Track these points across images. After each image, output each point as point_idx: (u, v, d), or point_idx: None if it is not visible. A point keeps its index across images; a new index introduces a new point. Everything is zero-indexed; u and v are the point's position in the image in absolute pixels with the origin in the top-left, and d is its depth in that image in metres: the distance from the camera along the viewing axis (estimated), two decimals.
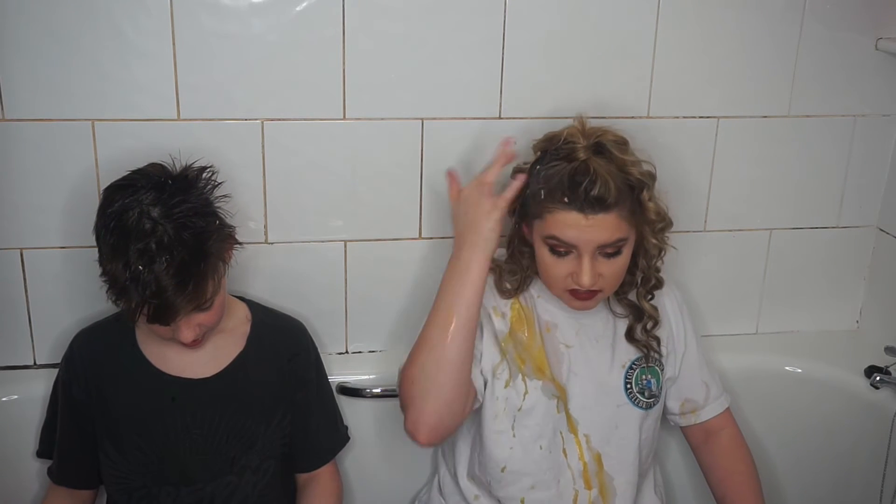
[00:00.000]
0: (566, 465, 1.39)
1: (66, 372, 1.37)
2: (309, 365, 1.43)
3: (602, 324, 1.42)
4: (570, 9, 1.50)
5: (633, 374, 1.41)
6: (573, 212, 1.26)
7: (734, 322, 1.77)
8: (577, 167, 1.27)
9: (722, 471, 1.48)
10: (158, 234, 1.17)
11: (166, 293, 1.17)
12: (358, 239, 1.57)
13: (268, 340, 1.40)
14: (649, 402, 1.41)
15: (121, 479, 1.35)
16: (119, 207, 1.19)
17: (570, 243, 1.28)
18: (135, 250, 1.16)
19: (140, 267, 1.16)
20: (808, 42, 1.60)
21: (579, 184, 1.25)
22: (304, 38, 1.44)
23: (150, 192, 1.20)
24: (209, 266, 1.22)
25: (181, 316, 1.21)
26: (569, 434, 1.39)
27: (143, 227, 1.17)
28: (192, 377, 1.34)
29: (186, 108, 1.44)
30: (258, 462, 1.38)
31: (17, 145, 1.42)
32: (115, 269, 1.18)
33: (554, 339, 1.39)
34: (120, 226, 1.18)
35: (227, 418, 1.35)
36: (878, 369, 1.63)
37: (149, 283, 1.16)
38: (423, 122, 1.52)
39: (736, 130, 1.63)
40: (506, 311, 1.40)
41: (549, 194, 1.28)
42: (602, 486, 1.39)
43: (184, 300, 1.19)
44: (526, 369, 1.37)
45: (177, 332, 1.25)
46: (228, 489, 1.36)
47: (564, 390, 1.38)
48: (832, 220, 1.74)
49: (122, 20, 1.38)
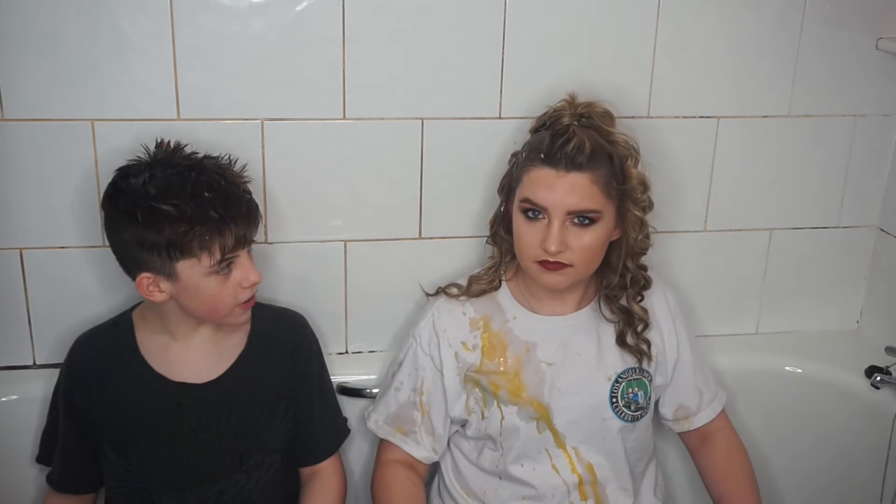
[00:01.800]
0: (560, 480, 1.38)
1: (66, 379, 1.35)
2: (311, 356, 1.43)
3: (584, 338, 1.40)
4: (570, 8, 1.50)
5: (619, 387, 1.39)
6: (546, 167, 1.28)
7: (734, 322, 1.77)
8: (558, 130, 1.30)
9: (718, 472, 1.48)
10: (194, 172, 1.22)
11: (236, 207, 1.23)
12: (358, 239, 1.57)
13: (268, 336, 1.40)
14: (635, 415, 1.40)
15: (123, 483, 1.35)
16: (141, 178, 1.22)
17: (540, 204, 1.28)
18: (187, 191, 1.20)
19: (205, 193, 1.20)
20: (808, 42, 1.60)
21: (559, 136, 1.28)
22: (304, 38, 1.44)
23: (163, 162, 1.25)
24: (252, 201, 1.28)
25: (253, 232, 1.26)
26: (557, 450, 1.39)
27: (172, 181, 1.21)
28: (196, 382, 1.33)
29: (186, 108, 1.44)
30: (262, 457, 1.38)
31: (17, 145, 1.42)
32: (184, 219, 1.18)
33: (534, 360, 1.39)
34: (153, 191, 1.20)
35: (235, 418, 1.35)
36: (879, 369, 1.63)
37: (216, 201, 1.20)
38: (423, 122, 1.52)
39: (736, 130, 1.63)
40: (476, 342, 1.40)
41: (528, 156, 1.31)
42: (597, 497, 1.39)
43: (250, 216, 1.26)
44: (500, 395, 1.38)
45: (246, 271, 1.27)
46: (236, 487, 1.36)
47: (547, 408, 1.38)
48: (832, 220, 1.74)
49: (121, 20, 1.38)
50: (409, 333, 1.46)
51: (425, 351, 1.41)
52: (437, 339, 1.40)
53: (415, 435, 1.42)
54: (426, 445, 1.42)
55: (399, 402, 1.43)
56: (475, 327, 1.41)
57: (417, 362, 1.42)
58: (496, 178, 1.55)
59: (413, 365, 1.42)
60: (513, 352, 1.39)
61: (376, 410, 1.46)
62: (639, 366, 1.41)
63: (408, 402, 1.42)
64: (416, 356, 1.42)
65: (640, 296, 1.40)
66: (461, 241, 1.59)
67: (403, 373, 1.43)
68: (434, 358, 1.41)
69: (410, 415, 1.42)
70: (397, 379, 1.44)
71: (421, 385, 1.41)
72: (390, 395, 1.44)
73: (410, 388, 1.42)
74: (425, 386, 1.41)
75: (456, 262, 1.58)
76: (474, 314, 1.42)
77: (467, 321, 1.41)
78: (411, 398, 1.42)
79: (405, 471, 1.42)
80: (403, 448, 1.42)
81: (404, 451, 1.43)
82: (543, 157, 1.28)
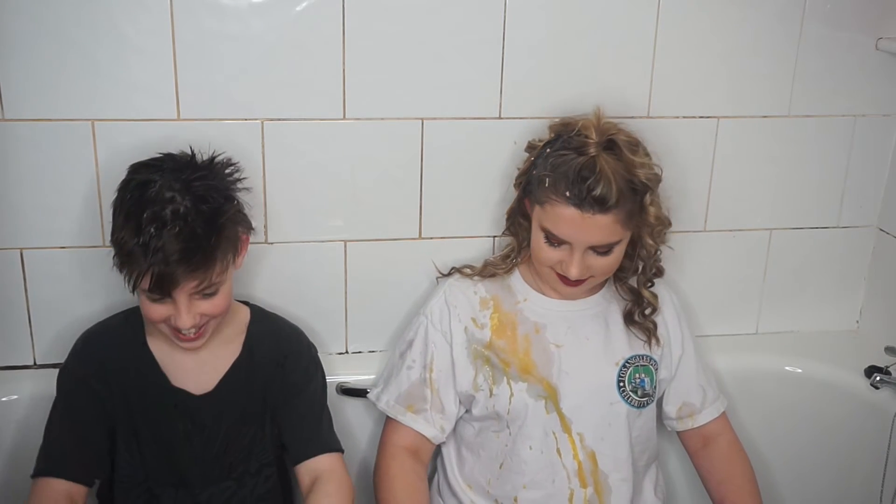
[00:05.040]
0: (560, 464, 1.39)
1: (80, 368, 1.34)
2: (297, 368, 1.39)
3: (592, 322, 1.43)
4: (570, 9, 1.50)
5: (626, 371, 1.41)
6: (572, 207, 1.28)
7: (734, 322, 1.77)
8: (584, 163, 1.28)
9: (720, 474, 1.49)
10: (175, 204, 1.18)
11: (171, 259, 1.17)
12: (358, 239, 1.57)
13: (261, 346, 1.38)
14: (642, 400, 1.42)
15: (128, 476, 1.35)
16: (143, 178, 1.22)
17: (563, 239, 1.31)
18: (149, 214, 1.18)
19: (152, 230, 1.17)
20: (808, 42, 1.60)
21: (584, 180, 1.27)
22: (304, 38, 1.44)
23: (175, 171, 1.22)
24: (220, 243, 1.22)
25: (181, 284, 1.19)
26: (562, 434, 1.39)
27: (162, 196, 1.19)
28: (192, 392, 1.33)
29: (186, 108, 1.44)
30: (257, 468, 1.37)
31: (16, 145, 1.42)
32: (126, 234, 1.19)
33: (543, 340, 1.40)
34: (139, 195, 1.20)
35: (225, 427, 1.34)
36: (878, 369, 1.63)
37: (156, 248, 1.16)
38: (423, 122, 1.52)
39: (736, 130, 1.63)
40: (485, 321, 1.42)
41: (552, 185, 1.30)
42: (597, 484, 1.39)
43: (187, 270, 1.18)
44: (511, 371, 1.39)
45: (176, 316, 1.23)
46: (227, 493, 1.36)
47: (555, 390, 1.38)
48: (832, 220, 1.74)
49: (121, 20, 1.38)
50: (420, 312, 1.47)
51: (436, 327, 1.43)
52: (448, 312, 1.42)
53: (425, 413, 1.42)
54: (435, 423, 1.42)
55: (411, 381, 1.43)
56: (485, 307, 1.42)
57: (428, 338, 1.43)
58: (496, 177, 1.55)
59: (424, 342, 1.43)
60: (522, 331, 1.40)
61: (387, 391, 1.46)
62: (647, 353, 1.43)
63: (419, 380, 1.43)
64: (426, 333, 1.43)
65: (651, 282, 1.43)
66: (461, 241, 1.59)
67: (416, 350, 1.44)
68: (445, 333, 1.42)
69: (422, 392, 1.42)
70: (409, 357, 1.44)
71: (431, 362, 1.42)
72: (402, 375, 1.44)
73: (422, 366, 1.43)
74: (436, 363, 1.42)
75: (456, 262, 1.58)
76: (485, 293, 1.44)
77: (478, 300, 1.43)
78: (422, 375, 1.42)
79: (410, 462, 1.42)
80: (413, 426, 1.42)
81: (412, 433, 1.42)
82: (569, 195, 1.28)
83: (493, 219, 1.58)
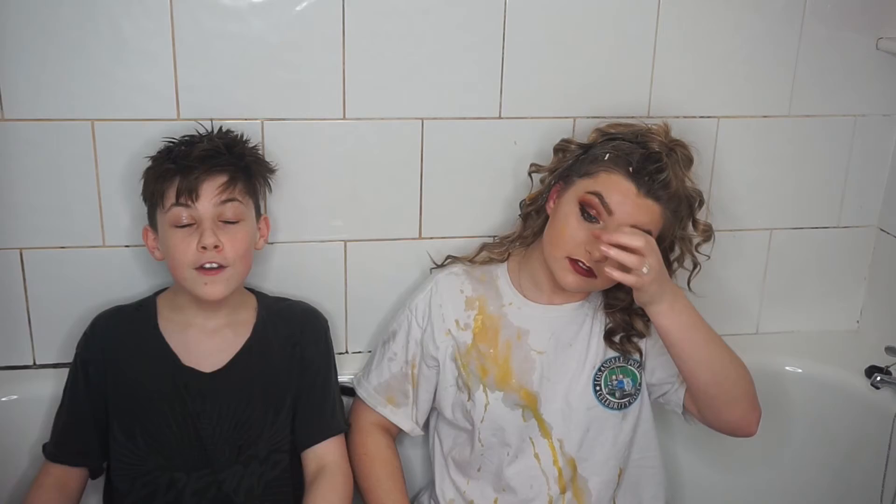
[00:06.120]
0: (539, 470, 1.39)
1: (84, 350, 1.38)
2: (312, 349, 1.43)
3: (577, 328, 1.41)
4: (570, 9, 1.50)
5: (601, 375, 1.40)
6: (630, 182, 1.28)
7: (734, 322, 1.77)
8: (651, 154, 1.30)
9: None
10: (204, 138, 1.36)
11: (195, 160, 1.29)
12: (358, 239, 1.57)
13: (273, 328, 1.41)
14: (622, 402, 1.40)
15: (128, 465, 1.35)
16: (171, 142, 1.36)
17: (611, 207, 1.28)
18: (180, 141, 1.34)
19: (182, 147, 1.32)
20: (808, 42, 1.60)
21: (652, 161, 1.28)
22: (304, 38, 1.44)
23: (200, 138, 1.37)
24: (242, 167, 1.34)
25: (206, 181, 1.28)
26: (542, 439, 1.39)
27: (193, 140, 1.35)
28: (203, 370, 1.36)
29: (186, 108, 1.44)
30: (266, 453, 1.38)
31: (16, 145, 1.42)
32: (159, 161, 1.33)
33: (525, 347, 1.40)
34: (171, 146, 1.35)
35: (234, 408, 1.36)
36: (879, 369, 1.63)
37: (184, 155, 1.30)
38: (423, 122, 1.52)
39: (736, 130, 1.63)
40: (469, 322, 1.41)
41: (614, 158, 1.31)
42: (576, 490, 1.39)
43: (211, 167, 1.29)
44: (488, 380, 1.39)
45: (202, 233, 1.28)
46: (235, 478, 1.36)
47: (535, 397, 1.38)
48: (832, 220, 1.74)
49: (121, 20, 1.38)
50: (406, 305, 1.47)
51: (419, 324, 1.44)
52: (431, 312, 1.43)
53: (406, 408, 1.45)
54: (413, 418, 1.46)
55: (392, 373, 1.45)
56: (470, 307, 1.42)
57: (411, 334, 1.44)
58: (496, 177, 1.55)
59: (406, 336, 1.45)
60: (504, 337, 1.40)
61: (368, 378, 1.48)
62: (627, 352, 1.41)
63: (400, 374, 1.44)
64: (409, 328, 1.45)
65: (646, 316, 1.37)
66: (461, 241, 1.59)
67: (398, 344, 1.45)
68: (426, 331, 1.43)
69: (403, 386, 1.45)
70: (391, 349, 1.46)
71: (413, 357, 1.44)
72: (384, 365, 1.46)
73: (403, 360, 1.45)
74: (416, 359, 1.43)
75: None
76: (472, 293, 1.43)
77: (463, 299, 1.43)
78: (404, 370, 1.44)
79: (385, 438, 1.46)
80: (392, 419, 1.45)
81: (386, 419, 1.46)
82: (632, 170, 1.28)
83: (493, 219, 1.58)
